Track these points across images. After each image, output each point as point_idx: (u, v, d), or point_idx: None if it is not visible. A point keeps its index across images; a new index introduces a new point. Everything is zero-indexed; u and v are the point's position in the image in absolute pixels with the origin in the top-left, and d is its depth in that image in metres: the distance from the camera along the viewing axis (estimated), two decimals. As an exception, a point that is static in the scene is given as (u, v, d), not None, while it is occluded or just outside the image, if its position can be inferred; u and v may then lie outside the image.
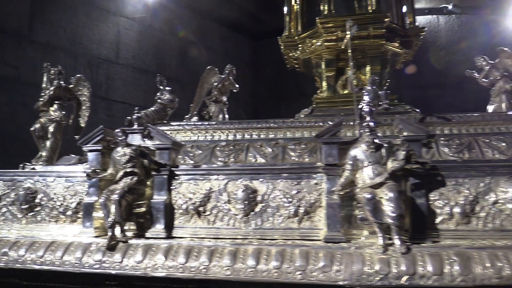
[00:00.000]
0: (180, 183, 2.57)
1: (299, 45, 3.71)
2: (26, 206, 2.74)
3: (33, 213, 2.77)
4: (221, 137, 3.16)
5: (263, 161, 2.82)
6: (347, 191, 2.29)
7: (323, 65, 3.57)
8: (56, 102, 3.24)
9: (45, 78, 3.32)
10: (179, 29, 7.03)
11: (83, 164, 2.86)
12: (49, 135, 3.17)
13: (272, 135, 3.12)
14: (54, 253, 2.44)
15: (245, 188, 2.45)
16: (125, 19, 6.37)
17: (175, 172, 2.56)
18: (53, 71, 3.28)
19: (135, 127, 2.79)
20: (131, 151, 2.51)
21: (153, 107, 3.46)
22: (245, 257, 2.20)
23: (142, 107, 3.46)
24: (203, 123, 3.32)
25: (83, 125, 3.32)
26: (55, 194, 2.76)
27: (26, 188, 2.78)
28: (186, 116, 3.83)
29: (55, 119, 3.19)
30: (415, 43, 3.63)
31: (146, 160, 2.55)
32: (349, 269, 2.08)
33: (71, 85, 3.35)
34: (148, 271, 2.28)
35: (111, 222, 2.39)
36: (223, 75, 3.78)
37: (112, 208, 2.39)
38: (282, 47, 3.79)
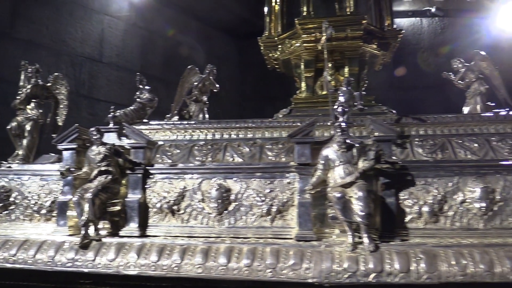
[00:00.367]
0: (154, 182, 2.58)
1: (279, 45, 3.74)
2: (0, 204, 2.74)
3: (7, 211, 2.76)
4: (200, 137, 3.17)
5: (240, 160, 2.84)
6: (318, 190, 2.33)
7: (302, 66, 3.60)
8: (34, 100, 3.22)
9: (22, 76, 3.30)
10: (167, 28, 7.01)
11: (59, 163, 2.84)
12: (26, 134, 3.15)
13: (251, 135, 3.13)
14: (27, 252, 2.43)
15: (219, 187, 2.47)
16: (109, 18, 6.34)
17: (149, 171, 2.57)
18: (30, 69, 3.26)
19: (110, 125, 2.79)
20: (106, 150, 2.52)
21: (132, 106, 3.45)
22: (217, 255, 2.22)
23: (125, 106, 3.46)
24: (182, 123, 3.33)
25: (60, 123, 3.30)
26: (29, 192, 2.75)
27: (1, 187, 2.77)
28: (167, 115, 3.84)
29: (32, 118, 3.16)
30: (392, 45, 3.68)
31: (121, 159, 2.56)
32: (318, 267, 2.11)
33: (48, 84, 3.32)
34: (121, 269, 2.28)
35: (85, 220, 2.39)
36: (204, 74, 3.78)
37: (86, 206, 2.40)
38: (262, 47, 3.82)
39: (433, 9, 6.90)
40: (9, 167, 2.99)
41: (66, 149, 2.66)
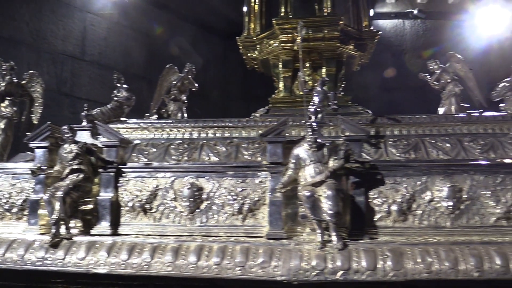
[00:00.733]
0: (127, 180, 2.57)
1: (257, 45, 3.76)
2: (-29, 203, 2.70)
3: (-22, 210, 2.72)
4: (177, 136, 3.17)
5: (216, 159, 2.84)
6: (289, 189, 2.35)
7: (280, 66, 3.62)
8: (8, 98, 3.18)
9: (-4, 73, 3.26)
10: (151, 27, 6.97)
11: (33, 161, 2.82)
12: (-1, 132, 3.12)
13: (228, 134, 3.15)
14: (-4, 251, 2.41)
15: (191, 185, 2.48)
16: (92, 15, 6.28)
17: (122, 169, 2.57)
18: (5, 66, 3.22)
19: (84, 124, 2.78)
20: (78, 148, 2.51)
21: (110, 105, 3.44)
22: (187, 254, 2.23)
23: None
24: (159, 121, 3.33)
25: (35, 121, 3.27)
26: (1, 191, 2.72)
27: (-28, 185, 2.73)
28: (147, 114, 3.83)
29: (6, 116, 3.13)
30: (369, 46, 3.73)
31: (93, 157, 2.55)
32: (287, 265, 2.14)
33: (23, 81, 3.29)
34: (90, 267, 2.28)
35: (55, 219, 2.37)
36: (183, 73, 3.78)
37: (57, 205, 2.38)
38: (241, 47, 3.83)
39: (415, 11, 6.98)
40: (-18, 165, 2.96)
41: (39, 147, 2.64)
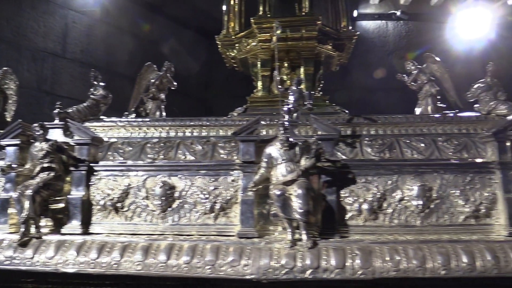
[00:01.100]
0: (99, 179, 2.55)
1: (236, 44, 3.76)
2: None
3: None
4: (154, 134, 3.14)
5: (192, 158, 2.83)
6: (260, 187, 2.35)
7: (258, 65, 3.63)
8: (-19, 95, 3.13)
9: (-30, 71, 3.20)
10: (134, 25, 6.92)
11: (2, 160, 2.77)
12: (-28, 129, 3.06)
13: (205, 133, 3.13)
14: (-36, 250, 2.36)
15: (163, 184, 2.47)
16: (73, 12, 6.21)
17: (94, 168, 2.54)
18: (-22, 63, 3.17)
19: (56, 121, 2.75)
20: (48, 146, 2.48)
21: (86, 103, 3.40)
22: (157, 253, 2.22)
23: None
24: (136, 120, 3.30)
25: (9, 119, 3.21)
26: (-30, 189, 2.67)
27: None
28: (125, 112, 3.80)
29: (-21, 113, 3.08)
30: (347, 46, 3.75)
31: (64, 156, 2.52)
32: (256, 264, 2.14)
33: (-3, 78, 3.24)
34: (59, 266, 2.25)
35: (24, 217, 2.34)
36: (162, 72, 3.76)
37: (26, 203, 2.35)
38: (220, 46, 3.82)
39: (398, 13, 7.05)
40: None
41: (9, 145, 2.60)
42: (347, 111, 3.40)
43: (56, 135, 2.75)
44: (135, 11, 6.92)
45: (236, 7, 3.84)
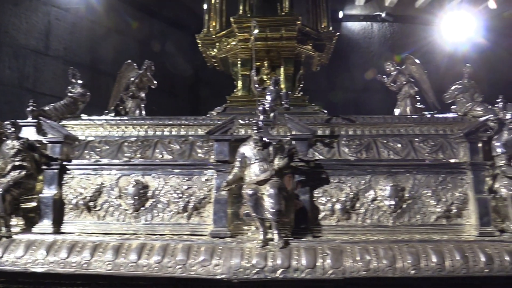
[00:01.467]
0: (71, 177, 2.53)
1: (217, 43, 3.75)
2: None
3: None
4: (132, 133, 3.12)
5: (169, 157, 2.81)
6: (233, 187, 2.34)
7: (238, 64, 3.62)
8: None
9: None
10: (119, 23, 6.86)
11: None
12: None
13: (184, 132, 3.11)
14: None
15: (136, 183, 2.45)
16: (56, 9, 6.13)
17: (66, 166, 2.52)
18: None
19: (28, 119, 2.71)
20: (20, 144, 2.45)
21: (63, 101, 3.36)
22: (128, 252, 2.20)
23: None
24: (114, 118, 3.27)
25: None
26: None
27: None
28: (105, 111, 3.76)
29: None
30: (328, 47, 3.76)
31: (36, 154, 2.49)
32: (227, 263, 2.13)
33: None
34: (28, 266, 2.23)
35: (-6, 216, 2.31)
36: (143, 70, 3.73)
37: (-4, 202, 2.32)
38: (200, 45, 3.81)
39: (383, 14, 7.10)
40: None
41: (-19, 143, 2.57)
42: (326, 112, 3.40)
43: (30, 133, 2.72)
44: (121, 9, 6.87)
45: (217, 5, 3.83)
